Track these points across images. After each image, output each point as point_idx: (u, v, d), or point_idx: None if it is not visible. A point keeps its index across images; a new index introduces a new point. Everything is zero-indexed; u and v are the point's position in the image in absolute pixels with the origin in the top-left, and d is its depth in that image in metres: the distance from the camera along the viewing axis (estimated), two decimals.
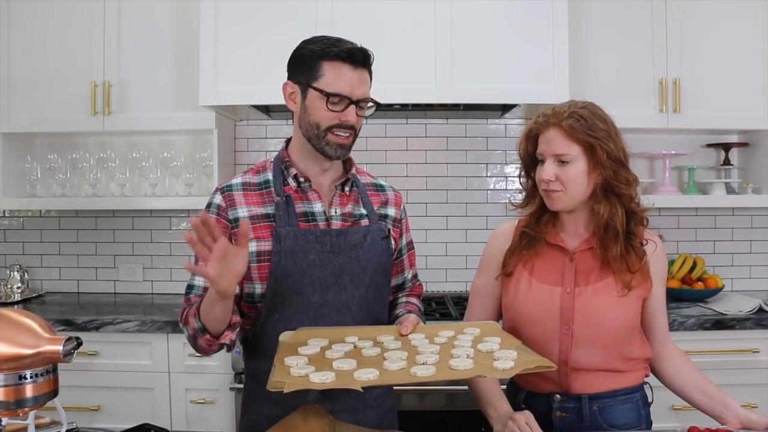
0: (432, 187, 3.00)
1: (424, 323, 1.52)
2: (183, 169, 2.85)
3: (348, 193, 1.49)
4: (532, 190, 1.50)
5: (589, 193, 1.42)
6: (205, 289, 1.39)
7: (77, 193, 2.92)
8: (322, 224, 1.44)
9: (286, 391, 1.06)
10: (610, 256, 1.41)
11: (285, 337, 1.33)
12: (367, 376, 1.10)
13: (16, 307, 2.71)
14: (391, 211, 1.55)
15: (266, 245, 1.40)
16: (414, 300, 1.60)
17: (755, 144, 2.89)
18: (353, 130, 1.41)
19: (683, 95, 2.67)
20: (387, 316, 1.55)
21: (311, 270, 1.39)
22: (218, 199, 1.45)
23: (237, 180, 1.48)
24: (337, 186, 1.48)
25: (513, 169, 2.99)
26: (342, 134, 1.40)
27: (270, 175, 1.47)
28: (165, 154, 2.86)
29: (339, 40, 1.41)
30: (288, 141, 1.52)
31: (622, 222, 1.40)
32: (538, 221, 1.49)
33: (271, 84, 2.49)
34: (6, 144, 2.79)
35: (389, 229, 1.52)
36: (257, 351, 1.43)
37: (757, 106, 2.69)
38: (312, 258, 1.39)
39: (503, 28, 2.51)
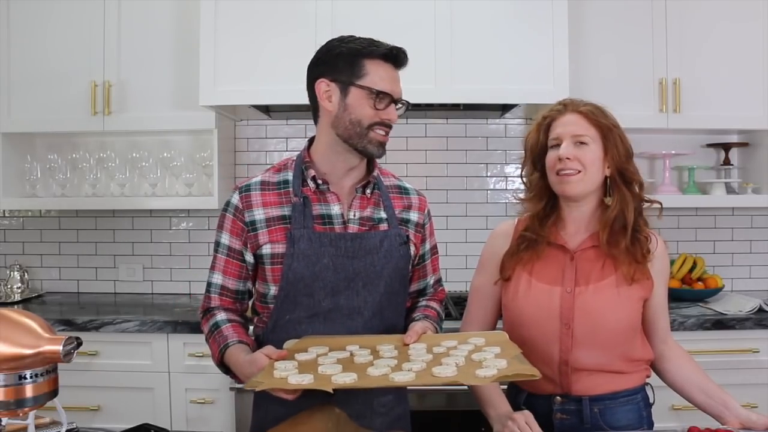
0: (432, 187, 3.00)
1: (440, 329, 1.52)
2: (183, 169, 2.84)
3: (369, 196, 1.48)
4: (539, 182, 1.49)
5: (600, 182, 1.43)
6: (223, 287, 1.47)
7: (77, 193, 2.91)
8: (338, 227, 1.43)
9: (258, 389, 1.10)
10: (616, 251, 1.41)
11: (289, 344, 1.34)
12: (344, 379, 1.10)
13: (16, 307, 2.71)
14: (413, 216, 1.53)
15: (280, 247, 1.40)
16: (434, 304, 1.58)
17: (755, 144, 2.89)
18: (390, 129, 1.42)
19: (683, 95, 2.66)
20: (402, 321, 1.53)
21: (323, 273, 1.39)
22: (236, 199, 1.45)
23: (256, 179, 1.48)
24: (358, 189, 1.47)
25: (513, 169, 2.99)
26: (382, 132, 1.40)
27: (290, 175, 1.47)
28: (165, 154, 2.86)
29: (374, 40, 1.42)
30: (311, 141, 1.51)
31: (633, 214, 1.42)
32: (543, 223, 1.48)
33: (271, 84, 2.53)
34: (6, 144, 2.78)
35: (408, 235, 1.49)
36: None
37: (757, 106, 2.69)
38: (325, 261, 1.39)
39: (503, 28, 2.51)
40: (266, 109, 2.81)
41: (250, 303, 1.56)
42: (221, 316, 1.46)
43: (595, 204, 1.46)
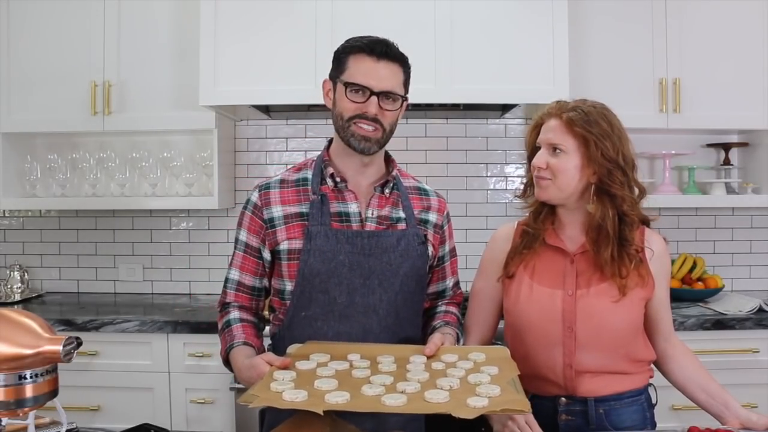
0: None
1: (461, 334, 1.54)
2: (183, 169, 2.84)
3: (387, 195, 1.49)
4: (532, 180, 1.49)
5: (581, 189, 1.42)
6: (239, 284, 1.49)
7: (77, 193, 2.91)
8: (355, 225, 1.44)
9: (252, 406, 1.11)
10: (601, 260, 1.40)
11: (291, 349, 1.35)
12: (336, 399, 1.11)
13: (16, 307, 2.71)
14: (432, 217, 1.54)
15: (297, 243, 1.42)
16: (453, 309, 1.59)
17: (755, 144, 2.89)
18: (378, 124, 1.41)
19: (683, 95, 2.66)
20: (419, 321, 1.54)
21: (339, 270, 1.40)
22: (255, 197, 1.49)
23: (276, 177, 1.52)
24: (376, 188, 1.48)
25: (513, 169, 2.99)
26: (365, 126, 1.40)
27: (309, 173, 1.49)
28: (165, 154, 2.86)
29: (368, 37, 1.43)
30: (331, 141, 1.53)
31: (614, 225, 1.39)
32: (537, 218, 1.49)
33: (271, 84, 2.53)
34: (6, 144, 2.79)
35: (426, 235, 1.50)
36: (284, 348, 1.42)
37: (757, 106, 2.69)
38: (341, 258, 1.40)
39: (503, 28, 2.51)
40: (266, 109, 2.81)
41: (267, 300, 1.57)
42: (234, 314, 1.48)
43: (584, 211, 1.45)
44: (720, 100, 2.68)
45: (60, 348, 0.95)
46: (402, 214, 1.49)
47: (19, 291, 2.85)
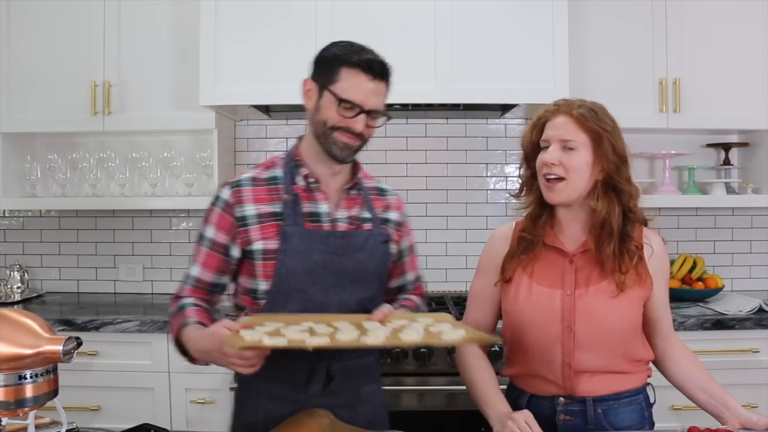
0: (432, 187, 3.00)
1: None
2: (183, 169, 2.85)
3: (354, 196, 1.51)
4: (530, 180, 1.49)
5: (590, 187, 1.41)
6: (198, 280, 1.48)
7: (77, 193, 2.92)
8: (326, 225, 1.45)
9: (238, 345, 1.13)
10: (603, 256, 1.41)
11: (244, 320, 1.34)
12: (318, 341, 1.13)
13: (16, 307, 2.71)
14: (393, 216, 1.56)
15: (272, 244, 1.42)
16: (413, 297, 1.61)
17: (755, 144, 2.89)
18: (360, 137, 1.42)
19: (683, 95, 2.66)
20: None
21: (315, 270, 1.41)
22: (226, 194, 1.46)
23: (247, 175, 1.50)
24: (345, 190, 1.50)
25: (513, 169, 2.99)
26: (346, 135, 1.40)
27: (279, 172, 1.48)
28: (165, 154, 2.86)
29: (362, 49, 1.42)
30: (301, 138, 1.53)
31: (619, 221, 1.40)
32: (536, 223, 1.48)
33: (271, 84, 2.53)
34: (6, 144, 2.79)
35: (389, 234, 1.53)
36: None
37: (757, 106, 2.69)
38: (315, 258, 1.41)
39: (503, 28, 2.51)
40: (266, 109, 2.81)
41: (234, 299, 1.56)
42: (189, 300, 1.47)
43: (586, 210, 1.45)
44: (720, 100, 2.68)
45: (60, 348, 0.95)
46: (368, 215, 1.51)
47: (19, 291, 2.85)
